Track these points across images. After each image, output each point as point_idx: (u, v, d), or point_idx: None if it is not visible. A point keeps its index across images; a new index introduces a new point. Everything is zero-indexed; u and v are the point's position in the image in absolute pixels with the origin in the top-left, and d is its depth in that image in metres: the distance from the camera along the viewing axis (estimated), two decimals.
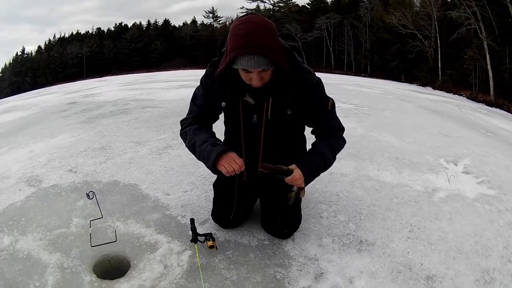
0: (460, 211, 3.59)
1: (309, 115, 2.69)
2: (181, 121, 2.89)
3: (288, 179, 2.53)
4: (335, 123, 2.78)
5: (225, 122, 2.93)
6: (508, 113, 19.50)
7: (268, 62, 2.20)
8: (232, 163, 2.47)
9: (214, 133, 2.78)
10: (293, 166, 2.53)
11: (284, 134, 2.76)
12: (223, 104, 2.65)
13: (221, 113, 2.84)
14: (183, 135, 2.81)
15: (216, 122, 2.92)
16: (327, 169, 2.76)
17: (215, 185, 3.12)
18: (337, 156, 2.77)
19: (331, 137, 2.75)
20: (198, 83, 2.78)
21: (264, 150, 2.73)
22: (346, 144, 2.84)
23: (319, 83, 2.62)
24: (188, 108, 2.88)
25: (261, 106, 2.57)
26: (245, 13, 2.32)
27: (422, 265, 2.76)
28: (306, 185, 2.61)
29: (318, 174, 2.70)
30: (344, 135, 2.82)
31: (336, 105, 2.82)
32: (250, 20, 2.19)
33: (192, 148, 2.68)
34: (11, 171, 4.38)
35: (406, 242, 3.03)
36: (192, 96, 2.84)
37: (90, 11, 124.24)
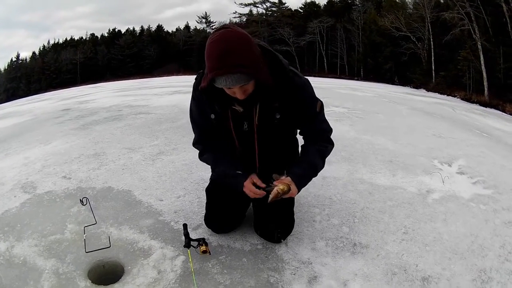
0: (455, 212, 3.60)
1: (298, 117, 2.71)
2: (194, 145, 2.97)
3: (285, 196, 2.57)
4: (324, 126, 2.81)
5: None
6: (503, 113, 19.63)
7: (246, 77, 2.21)
8: (254, 192, 2.60)
9: (228, 151, 2.83)
10: (288, 181, 2.57)
11: (275, 138, 2.77)
12: (212, 116, 2.67)
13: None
14: (205, 161, 2.96)
15: None
16: (317, 175, 2.82)
17: (208, 190, 3.12)
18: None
19: (319, 141, 2.79)
20: (191, 90, 2.78)
21: (259, 155, 2.78)
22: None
23: (306, 84, 2.64)
24: (191, 124, 2.92)
25: (251, 113, 2.60)
26: (219, 27, 2.28)
27: (417, 266, 2.76)
28: (298, 192, 2.69)
29: (307, 183, 2.77)
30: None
31: (325, 107, 2.83)
32: (223, 38, 2.16)
33: (220, 178, 2.91)
34: (6, 178, 4.37)
35: (401, 244, 3.03)
36: (190, 112, 2.87)
37: (85, 17, 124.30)
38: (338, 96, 13.15)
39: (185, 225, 2.78)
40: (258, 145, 2.73)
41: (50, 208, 3.53)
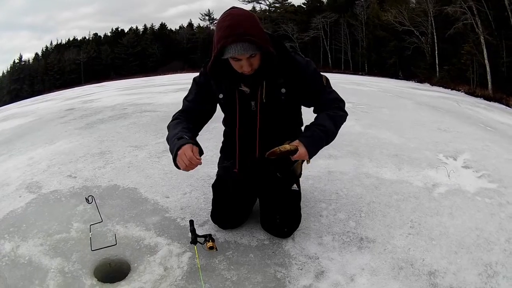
0: (460, 206, 3.57)
1: (305, 93, 2.76)
2: (173, 115, 2.94)
3: (294, 157, 2.57)
4: (333, 95, 2.83)
5: (224, 115, 3.00)
6: (507, 107, 19.51)
7: (254, 47, 2.32)
8: (182, 158, 2.45)
9: (191, 128, 2.74)
10: (296, 143, 2.57)
11: (280, 118, 2.81)
12: (221, 95, 2.74)
13: (214, 110, 2.93)
14: (167, 128, 2.84)
15: (215, 125, 2.93)
16: (330, 141, 2.75)
17: (214, 186, 3.12)
18: (339, 129, 2.79)
19: (330, 109, 2.78)
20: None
21: (260, 135, 2.80)
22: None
23: (309, 62, 2.73)
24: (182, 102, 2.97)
25: (257, 93, 2.67)
26: (229, 8, 2.43)
27: (423, 260, 2.75)
28: (311, 158, 2.63)
29: (321, 146, 2.69)
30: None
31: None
32: (232, 13, 2.34)
33: (167, 141, 2.70)
34: (11, 178, 4.38)
35: (407, 238, 3.01)
36: (186, 96, 2.93)
37: (88, 17, 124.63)
38: (343, 91, 12.91)
39: (191, 222, 2.77)
40: (260, 124, 2.76)
41: (56, 207, 3.53)
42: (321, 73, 2.79)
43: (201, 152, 2.55)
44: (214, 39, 2.37)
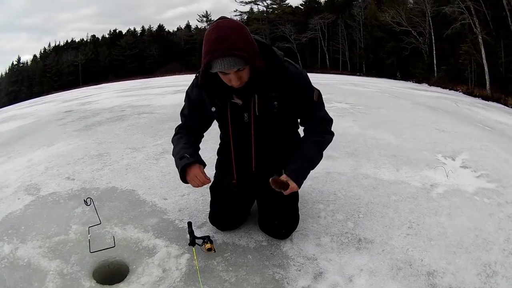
0: (459, 206, 3.58)
1: (296, 107, 2.71)
2: (175, 128, 2.99)
3: (286, 192, 2.58)
4: (322, 114, 2.80)
5: (219, 127, 2.98)
6: (505, 107, 19.51)
7: (241, 61, 2.23)
8: (195, 180, 2.64)
9: (192, 142, 2.87)
10: (284, 177, 2.59)
11: (274, 130, 2.78)
12: (213, 109, 2.69)
13: (213, 120, 2.92)
14: (172, 142, 2.94)
15: (212, 127, 2.94)
16: (315, 166, 2.80)
17: (212, 188, 3.13)
18: (324, 150, 2.83)
19: (318, 132, 2.79)
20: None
21: (256, 148, 2.77)
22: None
23: (302, 74, 2.64)
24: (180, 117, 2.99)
25: (250, 104, 2.60)
26: (217, 18, 2.35)
27: (422, 261, 2.76)
28: (299, 187, 2.67)
29: (308, 174, 2.75)
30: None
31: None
32: (220, 25, 2.24)
33: (173, 155, 2.83)
34: (10, 180, 4.38)
35: (406, 239, 3.02)
36: (182, 110, 2.95)
37: (87, 19, 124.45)
38: (341, 92, 13.12)
39: (189, 223, 2.76)
40: (255, 137, 2.72)
41: (54, 210, 3.54)
42: (314, 87, 2.72)
43: (204, 165, 2.75)
44: (202, 51, 2.30)
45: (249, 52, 2.25)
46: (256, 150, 2.77)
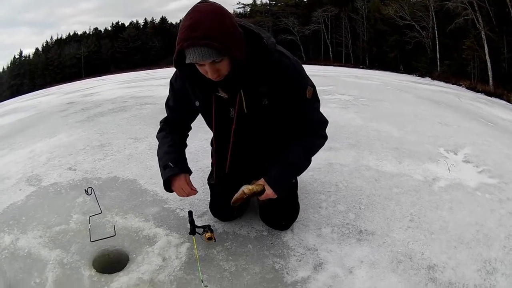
0: (460, 200, 3.58)
1: (287, 106, 2.43)
2: (160, 121, 2.90)
3: (261, 198, 2.46)
4: (315, 115, 2.55)
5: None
6: (508, 103, 19.46)
7: (214, 52, 1.96)
8: (180, 191, 2.57)
9: (177, 142, 2.75)
10: (262, 182, 2.45)
11: (261, 131, 2.57)
12: (197, 103, 2.50)
13: (197, 113, 2.77)
14: (157, 139, 2.84)
15: None
16: (301, 173, 2.64)
17: (210, 177, 3.12)
18: (314, 155, 2.63)
19: (308, 135, 2.55)
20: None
21: (233, 148, 2.58)
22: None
23: (295, 66, 2.35)
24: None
25: (236, 99, 2.36)
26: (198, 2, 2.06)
27: (423, 254, 2.76)
28: (280, 196, 2.50)
29: (290, 184, 2.67)
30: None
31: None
32: (197, 9, 1.97)
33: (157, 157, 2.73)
34: (11, 172, 4.39)
35: (407, 232, 3.02)
36: (166, 101, 2.81)
37: (88, 13, 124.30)
38: (344, 84, 13.06)
39: (190, 213, 2.76)
40: (234, 137, 2.51)
41: (55, 200, 3.55)
42: (308, 82, 2.42)
43: (189, 173, 2.69)
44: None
45: (225, 42, 1.97)
46: (233, 150, 2.59)
